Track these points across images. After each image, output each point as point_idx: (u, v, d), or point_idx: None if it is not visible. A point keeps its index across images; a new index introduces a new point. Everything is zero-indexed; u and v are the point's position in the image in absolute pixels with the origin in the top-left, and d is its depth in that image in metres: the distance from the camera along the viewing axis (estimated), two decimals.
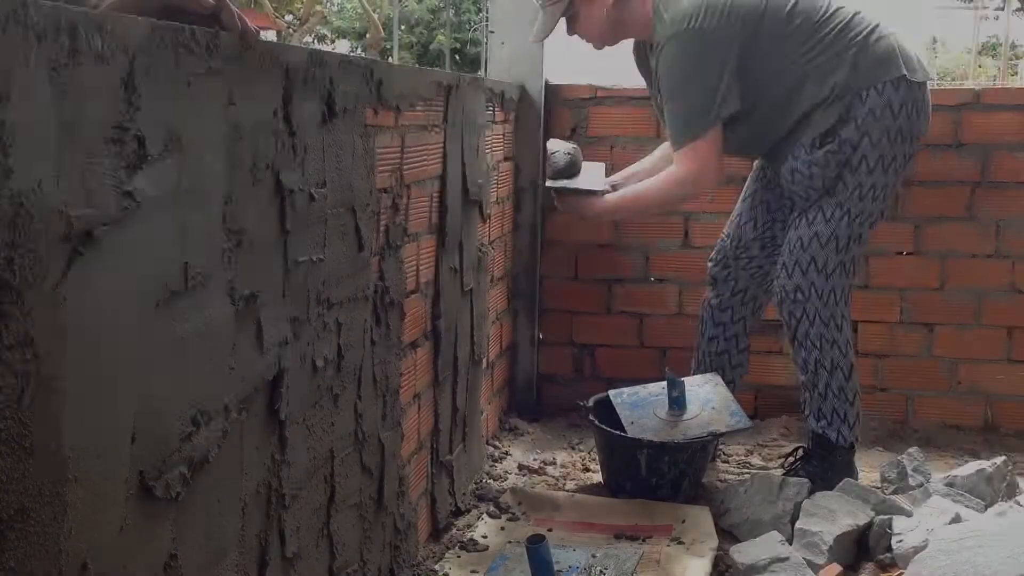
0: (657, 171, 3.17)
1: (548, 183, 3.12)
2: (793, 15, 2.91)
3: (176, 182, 1.25)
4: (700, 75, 2.88)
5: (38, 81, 0.97)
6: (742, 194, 3.29)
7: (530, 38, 3.19)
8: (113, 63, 1.09)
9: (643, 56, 3.17)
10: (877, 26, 2.93)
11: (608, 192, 3.19)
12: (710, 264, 3.32)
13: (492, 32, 3.73)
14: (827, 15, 2.91)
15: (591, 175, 3.27)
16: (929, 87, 2.97)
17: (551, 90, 3.75)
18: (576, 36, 3.20)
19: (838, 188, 2.89)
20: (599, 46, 3.20)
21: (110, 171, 1.11)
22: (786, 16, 2.91)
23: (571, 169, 3.09)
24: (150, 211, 1.19)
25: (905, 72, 2.86)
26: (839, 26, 2.90)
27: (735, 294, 3.26)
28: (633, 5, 3.03)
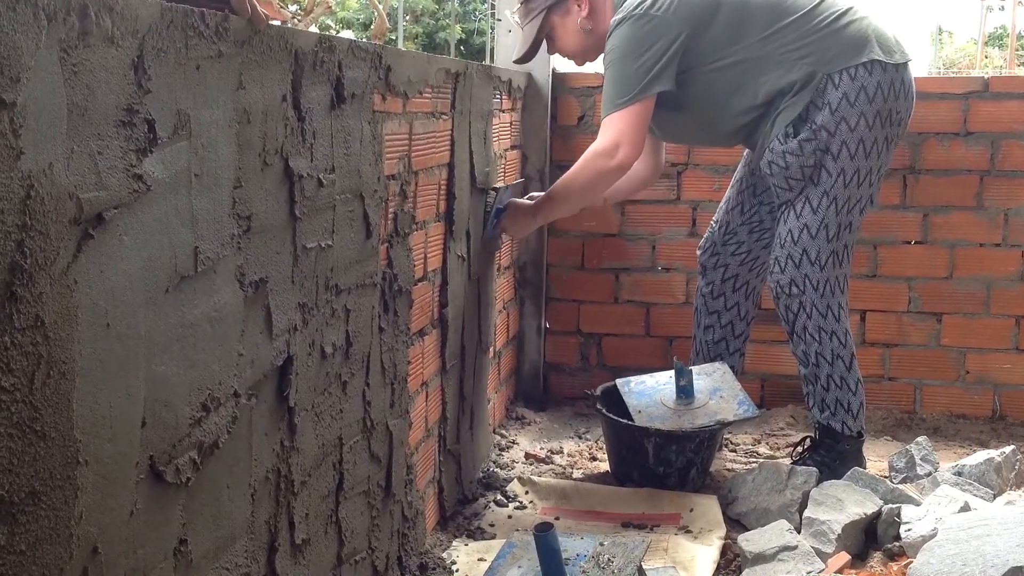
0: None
1: (489, 229, 3.00)
2: (751, 1, 2.90)
3: (186, 166, 1.25)
4: (639, 53, 2.86)
5: (48, 63, 0.97)
6: (732, 181, 3.30)
7: (512, 59, 3.20)
8: (123, 45, 1.09)
9: None
10: (849, 9, 2.91)
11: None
12: (699, 252, 3.32)
13: (499, 20, 3.72)
14: (791, 0, 2.90)
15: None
16: (911, 67, 2.95)
17: (558, 78, 3.74)
18: (558, 55, 3.24)
19: (822, 177, 2.87)
20: (580, 61, 3.22)
21: (120, 154, 1.10)
22: (743, 4, 2.90)
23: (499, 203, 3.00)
24: (160, 195, 1.18)
25: (878, 56, 2.84)
26: (805, 10, 2.89)
27: (725, 280, 3.26)
28: (603, 14, 3.03)
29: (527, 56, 3.17)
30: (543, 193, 3.11)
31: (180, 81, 1.22)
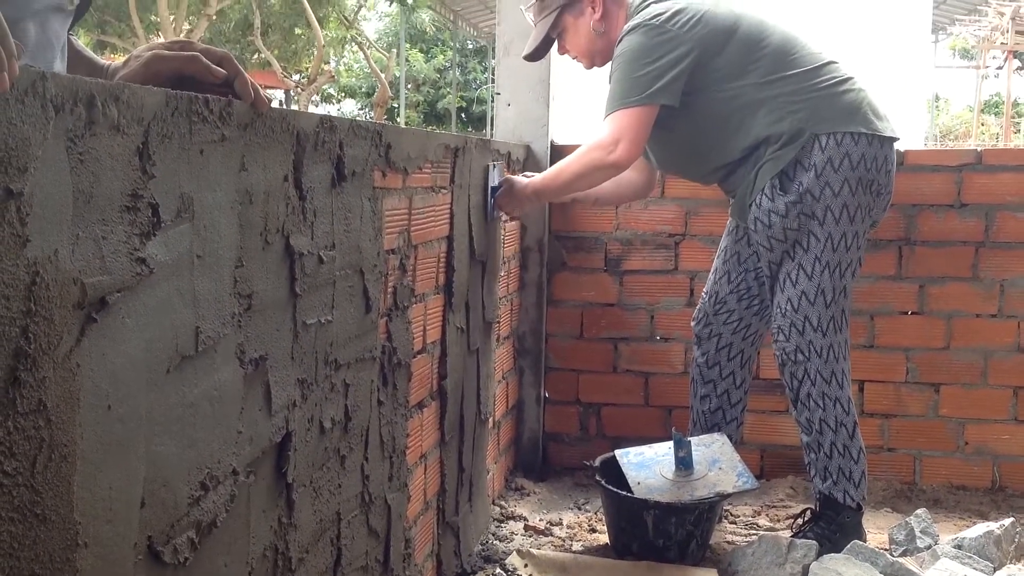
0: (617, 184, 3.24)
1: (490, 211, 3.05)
2: (763, 44, 2.96)
3: (188, 248, 1.27)
4: (649, 61, 2.91)
5: (55, 152, 0.99)
6: (717, 251, 3.33)
7: (523, 54, 3.27)
8: (129, 133, 1.11)
9: None
10: (849, 79, 2.98)
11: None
12: (693, 323, 3.35)
13: (498, 94, 3.78)
14: (799, 55, 2.97)
15: None
16: (895, 147, 3.01)
17: (557, 150, 3.79)
18: (568, 55, 3.28)
19: (811, 242, 2.91)
20: (588, 65, 3.26)
21: (124, 238, 1.12)
22: (755, 43, 2.96)
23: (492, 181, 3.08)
24: (163, 277, 1.20)
25: (867, 128, 2.90)
26: (808, 68, 2.95)
27: (720, 350, 3.27)
28: (616, 19, 3.11)
29: (537, 53, 3.24)
30: (538, 174, 3.16)
31: (184, 165, 1.24)
